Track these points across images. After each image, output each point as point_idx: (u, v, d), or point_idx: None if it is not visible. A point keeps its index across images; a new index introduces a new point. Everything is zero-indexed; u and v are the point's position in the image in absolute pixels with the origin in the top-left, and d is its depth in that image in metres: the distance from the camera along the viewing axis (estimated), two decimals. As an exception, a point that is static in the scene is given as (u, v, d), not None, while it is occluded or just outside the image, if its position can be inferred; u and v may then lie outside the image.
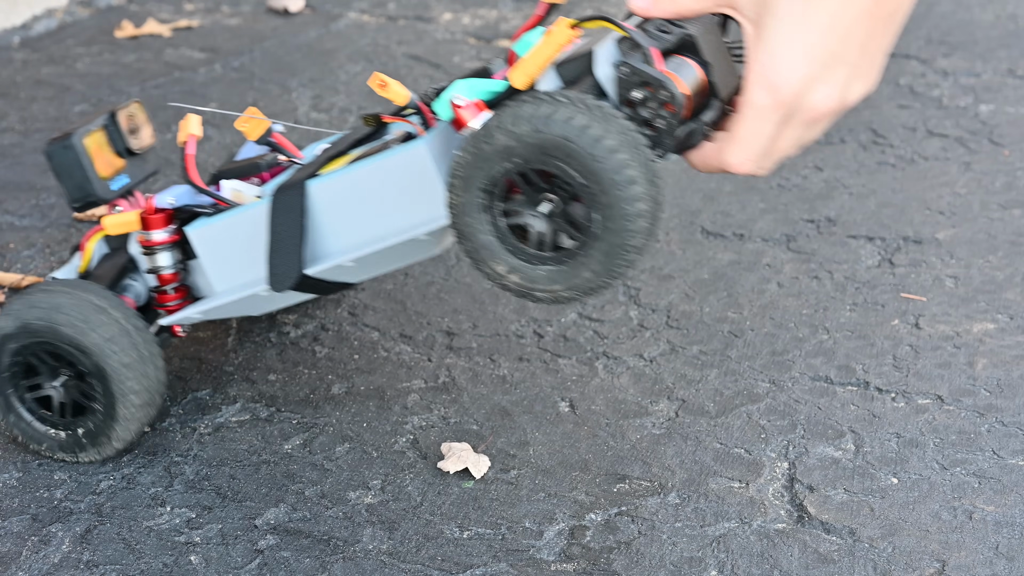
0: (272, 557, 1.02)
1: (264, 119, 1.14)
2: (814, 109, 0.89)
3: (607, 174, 0.89)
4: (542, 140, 0.90)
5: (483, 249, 0.95)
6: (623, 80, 0.94)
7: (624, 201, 0.90)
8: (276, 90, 1.80)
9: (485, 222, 0.94)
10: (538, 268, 0.94)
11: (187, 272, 1.15)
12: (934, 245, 1.41)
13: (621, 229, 0.90)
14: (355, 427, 1.16)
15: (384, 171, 1.02)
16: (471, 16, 2.04)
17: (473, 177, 0.93)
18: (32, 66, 1.87)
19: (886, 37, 0.90)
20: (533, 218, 0.93)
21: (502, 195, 0.93)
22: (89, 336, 1.07)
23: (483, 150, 0.92)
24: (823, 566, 0.99)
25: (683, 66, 0.96)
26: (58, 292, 1.09)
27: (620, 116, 0.90)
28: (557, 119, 0.89)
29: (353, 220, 1.04)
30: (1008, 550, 1.00)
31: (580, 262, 0.93)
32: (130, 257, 1.15)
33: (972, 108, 1.71)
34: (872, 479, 1.08)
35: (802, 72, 0.88)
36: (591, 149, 0.89)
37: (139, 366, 1.08)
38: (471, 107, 0.96)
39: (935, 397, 1.18)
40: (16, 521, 1.06)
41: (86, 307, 1.08)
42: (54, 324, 1.07)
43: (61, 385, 1.10)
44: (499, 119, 0.91)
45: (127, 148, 1.16)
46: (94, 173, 1.12)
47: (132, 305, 1.14)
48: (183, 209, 1.12)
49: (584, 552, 1.01)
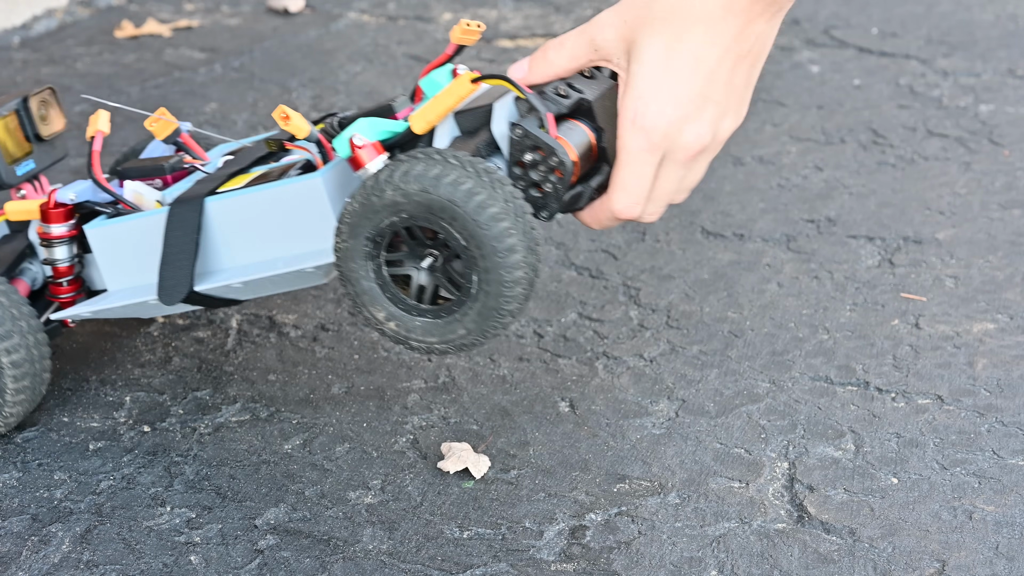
0: (272, 557, 1.02)
1: (173, 120, 1.17)
2: (687, 148, 0.94)
3: (488, 240, 0.93)
4: (429, 200, 0.93)
5: (364, 295, 0.98)
6: (516, 142, 0.97)
7: (503, 268, 0.93)
8: (276, 90, 1.80)
9: (368, 269, 0.98)
10: (415, 319, 0.98)
11: (83, 266, 1.17)
12: (934, 245, 1.41)
13: (498, 293, 0.94)
14: (355, 427, 1.16)
15: (280, 198, 1.03)
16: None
17: (360, 225, 0.96)
18: (32, 66, 1.87)
19: (750, 73, 0.94)
20: (414, 270, 0.97)
21: (387, 245, 0.97)
22: None
23: (372, 202, 0.95)
24: (823, 566, 0.99)
25: (575, 131, 0.99)
26: None
27: (507, 183, 0.94)
28: (446, 181, 0.92)
29: (245, 242, 1.06)
30: (1008, 550, 1.00)
31: (456, 318, 0.97)
32: (29, 242, 1.17)
33: (972, 108, 1.71)
34: (872, 479, 1.08)
35: (671, 114, 0.93)
36: (475, 215, 0.92)
37: (24, 352, 1.10)
38: (369, 148, 0.99)
39: (935, 397, 1.18)
40: (16, 521, 1.06)
41: None
42: None
43: None
44: (391, 174, 0.94)
45: (36, 134, 1.18)
46: (1, 158, 1.15)
47: (26, 290, 1.17)
48: (84, 204, 1.14)
49: (584, 552, 1.01)
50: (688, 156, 0.95)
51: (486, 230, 0.92)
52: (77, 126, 1.70)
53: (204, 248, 1.07)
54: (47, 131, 1.19)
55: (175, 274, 1.07)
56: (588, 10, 2.02)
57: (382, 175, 0.95)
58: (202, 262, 1.08)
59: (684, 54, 0.91)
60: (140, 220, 1.09)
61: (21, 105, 1.17)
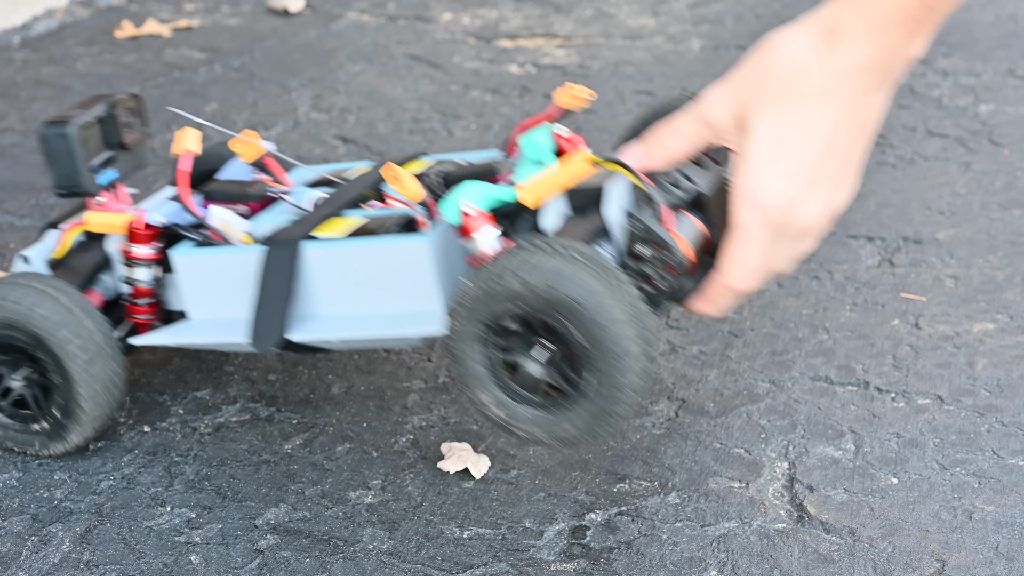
0: (272, 557, 1.02)
1: (260, 144, 1.14)
2: (803, 224, 0.92)
3: (609, 343, 0.90)
4: (553, 296, 0.90)
5: (472, 377, 0.96)
6: (632, 233, 0.96)
7: (620, 372, 0.91)
8: (276, 90, 1.80)
9: (479, 352, 0.95)
10: (523, 408, 0.96)
11: (162, 287, 1.14)
12: (934, 245, 1.41)
13: (612, 396, 0.92)
14: (355, 427, 1.16)
15: (383, 255, 1.02)
16: (471, 16, 2.05)
17: (477, 310, 0.93)
18: (32, 66, 1.87)
19: (862, 146, 0.92)
20: (528, 360, 0.95)
21: (501, 331, 0.94)
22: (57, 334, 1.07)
23: (493, 289, 0.92)
24: (823, 566, 0.99)
25: (689, 225, 0.98)
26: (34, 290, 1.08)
27: (631, 285, 0.91)
28: (570, 279, 0.90)
29: (341, 293, 1.04)
30: (1008, 550, 1.00)
31: (565, 415, 0.94)
32: (106, 255, 1.15)
33: (972, 108, 1.71)
34: (872, 479, 1.08)
35: (787, 191, 0.91)
36: (598, 316, 0.90)
37: (100, 365, 1.08)
38: (480, 219, 0.97)
39: (935, 397, 1.18)
40: (16, 521, 1.06)
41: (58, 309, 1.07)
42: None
43: (24, 379, 1.10)
44: (514, 263, 0.91)
45: (120, 141, 1.15)
46: (84, 165, 1.12)
47: (100, 302, 1.14)
48: (169, 226, 1.11)
49: (584, 552, 1.01)
50: (802, 232, 0.92)
51: (607, 333, 0.90)
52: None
53: (298, 295, 1.05)
54: (131, 139, 1.16)
55: (269, 320, 1.04)
56: (588, 10, 2.02)
57: (504, 262, 0.92)
58: (295, 307, 1.05)
59: (798, 129, 0.89)
60: (232, 255, 1.07)
61: (106, 111, 1.14)
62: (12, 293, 1.07)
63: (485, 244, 0.98)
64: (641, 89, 1.77)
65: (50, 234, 1.18)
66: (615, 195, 0.97)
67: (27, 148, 1.65)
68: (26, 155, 1.63)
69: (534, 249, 0.91)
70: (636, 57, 1.86)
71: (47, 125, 1.11)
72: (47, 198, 1.53)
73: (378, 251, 1.02)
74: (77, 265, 1.14)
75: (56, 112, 1.13)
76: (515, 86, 1.79)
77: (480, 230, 0.97)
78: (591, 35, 1.93)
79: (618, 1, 2.04)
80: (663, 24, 1.95)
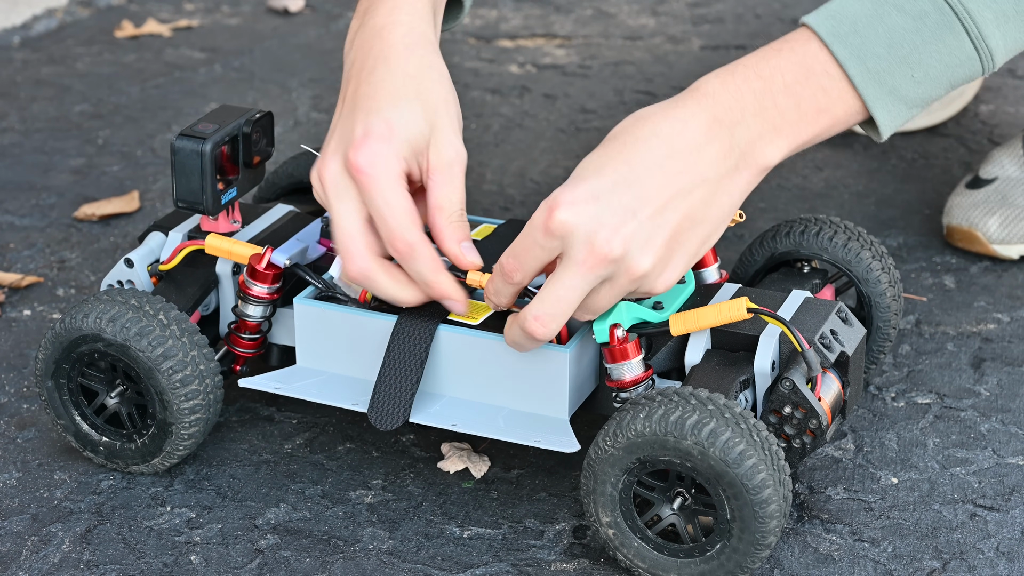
0: (272, 557, 1.02)
1: None
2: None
3: (752, 507, 0.91)
4: (723, 471, 0.90)
5: (602, 496, 0.95)
6: (782, 394, 0.96)
7: (758, 531, 0.91)
8: (276, 90, 1.80)
9: (622, 481, 0.95)
10: (640, 541, 0.96)
11: (271, 324, 1.11)
12: (934, 245, 1.41)
13: (744, 551, 0.92)
14: (355, 427, 1.16)
15: (521, 355, 0.99)
16: (471, 16, 2.04)
17: (639, 447, 0.93)
18: (32, 66, 1.87)
19: (697, 211, 0.93)
20: (659, 501, 0.95)
21: (651, 471, 0.94)
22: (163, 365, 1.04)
23: (666, 441, 0.92)
24: (823, 566, 0.99)
25: (831, 387, 0.99)
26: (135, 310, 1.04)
27: (776, 447, 0.92)
28: (722, 443, 0.90)
29: (468, 379, 1.02)
30: (1008, 550, 1.00)
31: (687, 562, 0.95)
32: (216, 276, 1.11)
33: (972, 108, 1.71)
34: (872, 479, 1.08)
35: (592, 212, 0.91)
36: (756, 496, 0.90)
37: (198, 384, 1.05)
38: (631, 348, 0.97)
39: (936, 397, 1.18)
40: (16, 521, 1.06)
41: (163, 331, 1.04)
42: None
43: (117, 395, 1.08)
44: (665, 426, 0.91)
45: (247, 160, 1.10)
46: (212, 184, 1.07)
47: (197, 318, 1.11)
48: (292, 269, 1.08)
49: (585, 551, 1.01)
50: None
51: (753, 497, 0.90)
52: (77, 126, 1.70)
53: (424, 375, 1.02)
54: (258, 159, 1.11)
55: (394, 399, 1.00)
56: (588, 10, 2.02)
57: (656, 424, 0.91)
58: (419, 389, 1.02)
59: (618, 160, 0.94)
60: (360, 318, 1.02)
61: (242, 128, 1.08)
62: (122, 316, 1.04)
63: (629, 371, 0.98)
64: (641, 89, 1.77)
65: (154, 236, 1.14)
66: (767, 346, 0.98)
67: (27, 148, 1.65)
68: (26, 155, 1.63)
69: (684, 407, 0.91)
70: (636, 57, 1.86)
71: (183, 137, 1.06)
72: (47, 198, 1.53)
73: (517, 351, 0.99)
74: (186, 284, 1.11)
75: (190, 124, 1.07)
76: (515, 86, 1.79)
77: (628, 363, 0.98)
78: (591, 35, 1.93)
79: (618, 1, 2.04)
80: (663, 24, 1.95)
